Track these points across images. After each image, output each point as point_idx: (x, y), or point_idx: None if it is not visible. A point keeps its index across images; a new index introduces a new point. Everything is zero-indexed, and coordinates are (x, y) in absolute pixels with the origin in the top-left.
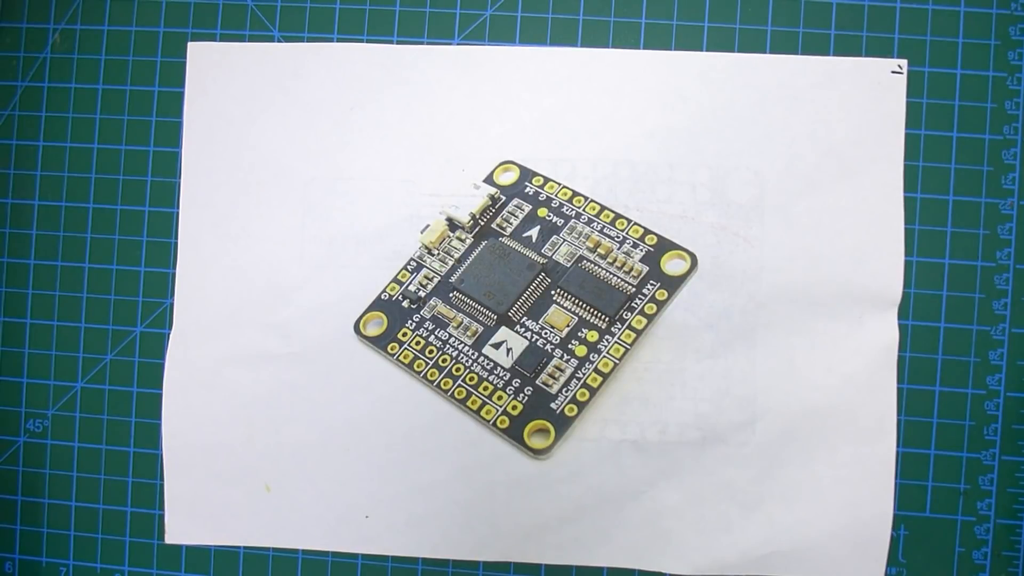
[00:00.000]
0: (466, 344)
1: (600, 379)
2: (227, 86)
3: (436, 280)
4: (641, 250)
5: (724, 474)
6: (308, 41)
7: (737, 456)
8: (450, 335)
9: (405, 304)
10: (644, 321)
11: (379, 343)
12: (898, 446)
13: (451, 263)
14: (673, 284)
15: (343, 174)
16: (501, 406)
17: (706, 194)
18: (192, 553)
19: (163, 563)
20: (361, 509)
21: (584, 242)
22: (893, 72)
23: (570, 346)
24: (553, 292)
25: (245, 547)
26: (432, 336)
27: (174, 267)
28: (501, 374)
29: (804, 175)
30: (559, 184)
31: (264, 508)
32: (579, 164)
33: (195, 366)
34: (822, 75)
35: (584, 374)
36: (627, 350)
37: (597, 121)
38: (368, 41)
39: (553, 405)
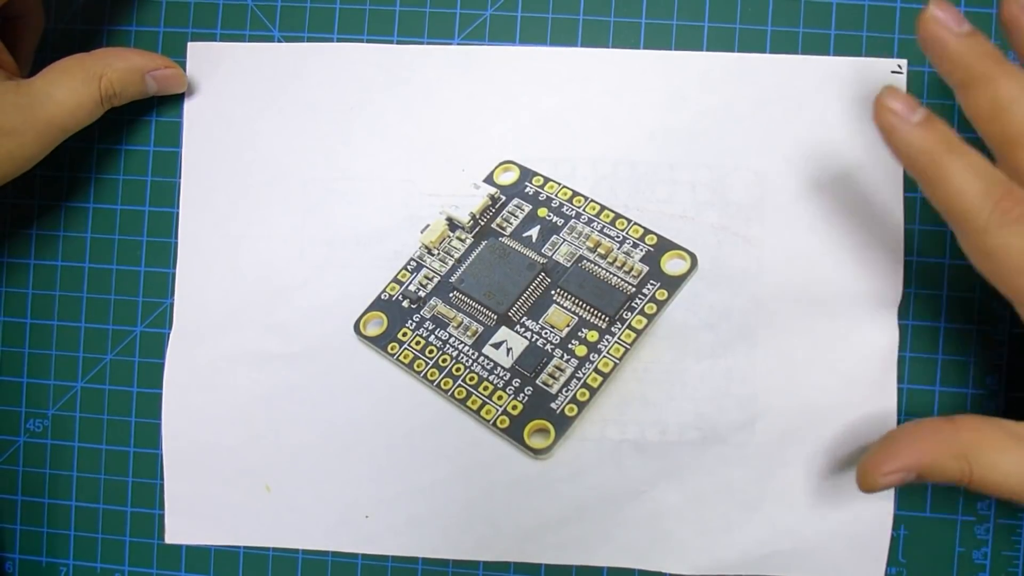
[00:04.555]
0: (466, 344)
1: (600, 379)
2: (227, 86)
3: (436, 280)
4: (641, 250)
5: (724, 474)
6: (308, 41)
7: (737, 456)
8: (450, 335)
9: (405, 304)
10: (644, 321)
11: (379, 343)
12: None
13: (451, 263)
14: (673, 284)
15: (343, 174)
16: (501, 406)
17: (706, 194)
18: (192, 553)
19: (163, 563)
20: (361, 509)
21: (584, 242)
22: (893, 72)
23: (570, 346)
24: (553, 292)
25: (245, 547)
26: (432, 336)
27: (174, 267)
28: (501, 374)
29: (804, 175)
30: (559, 184)
31: (264, 508)
32: (579, 164)
33: (195, 366)
34: (822, 75)
35: (584, 374)
36: (627, 350)
37: (597, 121)
38: (368, 41)
39: (553, 405)
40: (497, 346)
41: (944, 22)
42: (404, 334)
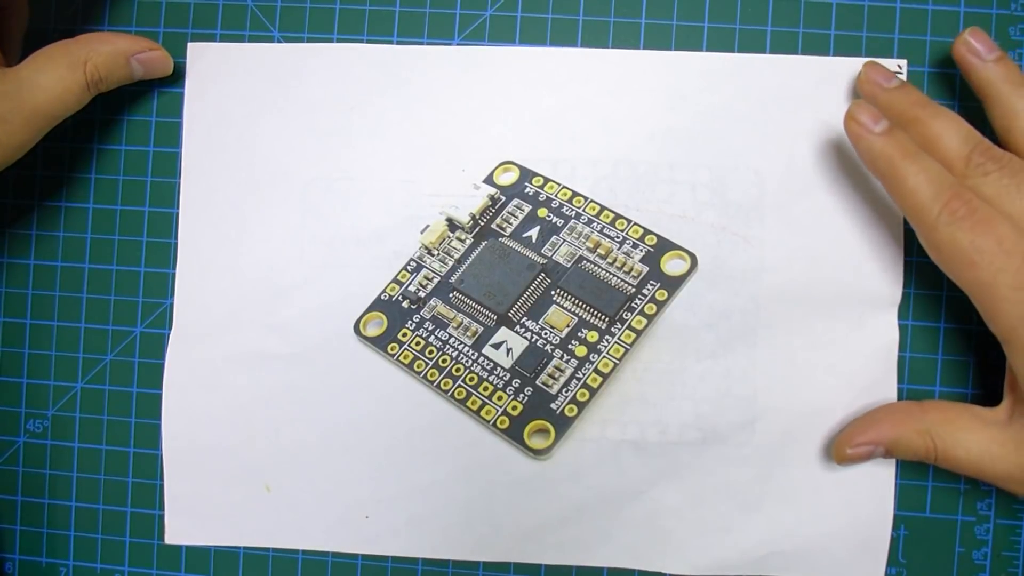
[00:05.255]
0: (466, 344)
1: (600, 379)
2: (227, 86)
3: (436, 280)
4: (641, 250)
5: (724, 474)
6: (308, 41)
7: (737, 456)
8: (450, 335)
9: (405, 304)
10: (644, 321)
11: (379, 343)
12: None
13: (451, 263)
14: (673, 284)
15: (343, 174)
16: (501, 406)
17: (706, 194)
18: (192, 553)
19: (163, 563)
20: (361, 509)
21: (584, 242)
22: (893, 72)
23: (570, 346)
24: (553, 292)
25: (245, 547)
26: (432, 336)
27: (174, 267)
28: (501, 374)
29: (804, 175)
30: (559, 184)
31: (264, 508)
32: (579, 164)
33: (195, 366)
34: (822, 75)
35: (584, 374)
36: (627, 350)
37: (597, 121)
38: (368, 41)
39: (553, 405)
40: (497, 346)
41: (875, 80)
42: (404, 334)
